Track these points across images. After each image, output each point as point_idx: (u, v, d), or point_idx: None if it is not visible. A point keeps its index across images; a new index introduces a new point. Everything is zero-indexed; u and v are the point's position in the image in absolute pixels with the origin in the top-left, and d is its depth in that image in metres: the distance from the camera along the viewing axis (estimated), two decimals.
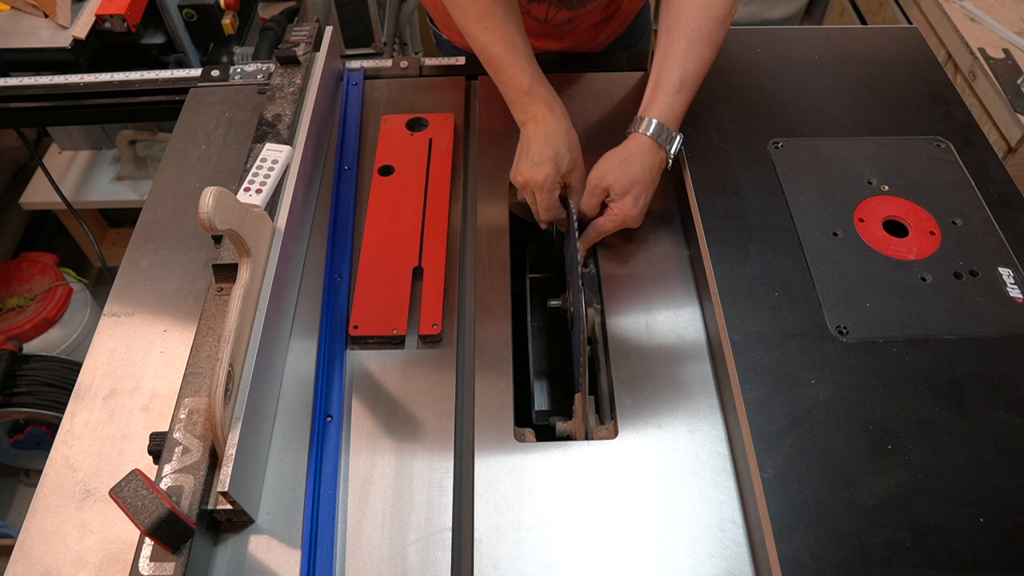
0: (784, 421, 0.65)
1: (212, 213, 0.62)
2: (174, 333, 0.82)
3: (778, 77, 0.98)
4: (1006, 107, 1.39)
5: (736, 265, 0.77)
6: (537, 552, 0.65)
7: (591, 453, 0.72)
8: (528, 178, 0.83)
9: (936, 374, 0.68)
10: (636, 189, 0.83)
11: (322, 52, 1.03)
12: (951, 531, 0.59)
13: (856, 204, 0.82)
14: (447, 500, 0.69)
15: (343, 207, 0.91)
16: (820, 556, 0.58)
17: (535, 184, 0.83)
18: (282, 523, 0.68)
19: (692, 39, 0.83)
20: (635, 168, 0.83)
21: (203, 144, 1.01)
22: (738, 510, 0.67)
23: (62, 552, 0.66)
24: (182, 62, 1.59)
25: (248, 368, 0.69)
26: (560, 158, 0.83)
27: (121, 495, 0.58)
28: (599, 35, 1.15)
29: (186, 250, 0.89)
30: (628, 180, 0.83)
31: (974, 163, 0.87)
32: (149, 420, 0.75)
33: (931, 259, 0.77)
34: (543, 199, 0.84)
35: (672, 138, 0.84)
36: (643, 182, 0.83)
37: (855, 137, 0.90)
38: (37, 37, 1.39)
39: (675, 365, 0.78)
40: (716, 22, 0.84)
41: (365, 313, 0.81)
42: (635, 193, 0.83)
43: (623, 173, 0.83)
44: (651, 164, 0.84)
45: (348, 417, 0.74)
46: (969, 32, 1.53)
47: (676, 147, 0.85)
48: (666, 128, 0.83)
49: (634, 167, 0.83)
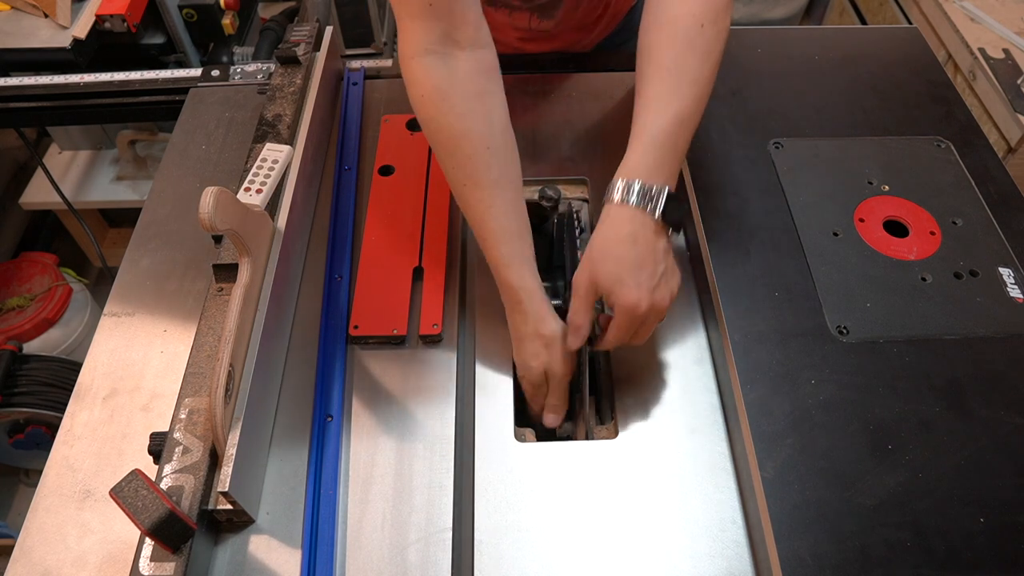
0: (784, 421, 0.65)
1: (212, 213, 0.62)
2: (174, 333, 0.82)
3: (778, 77, 0.98)
4: (1006, 107, 1.39)
5: (736, 265, 0.77)
6: (537, 552, 0.65)
7: (591, 453, 0.72)
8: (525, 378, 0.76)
9: (936, 374, 0.68)
10: (626, 271, 0.67)
11: (322, 52, 1.03)
12: (951, 531, 0.59)
13: (856, 204, 0.82)
14: (447, 500, 0.69)
15: (343, 207, 0.91)
16: (820, 556, 0.58)
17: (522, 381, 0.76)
18: (282, 523, 0.68)
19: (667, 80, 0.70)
20: (617, 247, 0.68)
21: (203, 144, 1.01)
22: (738, 510, 0.67)
23: (62, 552, 0.66)
24: (182, 62, 1.59)
25: (248, 368, 0.69)
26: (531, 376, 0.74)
27: (121, 495, 0.58)
28: (590, 34, 1.14)
29: (186, 250, 0.89)
30: (613, 264, 0.67)
31: (974, 163, 0.87)
32: (149, 420, 0.75)
33: (931, 259, 0.77)
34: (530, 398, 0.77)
35: (654, 195, 0.68)
36: (633, 259, 0.67)
37: (855, 137, 0.90)
38: (37, 37, 1.39)
39: (675, 365, 0.78)
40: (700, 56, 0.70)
41: (365, 313, 0.81)
42: (628, 277, 0.66)
43: (604, 258, 0.68)
44: (631, 235, 0.67)
45: (348, 417, 0.74)
46: (969, 32, 1.53)
47: (657, 203, 0.68)
48: (637, 187, 0.68)
49: (616, 246, 0.68)
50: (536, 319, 0.72)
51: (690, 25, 0.70)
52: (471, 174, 0.73)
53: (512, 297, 0.73)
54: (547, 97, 1.04)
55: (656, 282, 0.68)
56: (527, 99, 1.04)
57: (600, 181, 0.94)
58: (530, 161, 0.97)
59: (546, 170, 0.96)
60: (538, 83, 1.06)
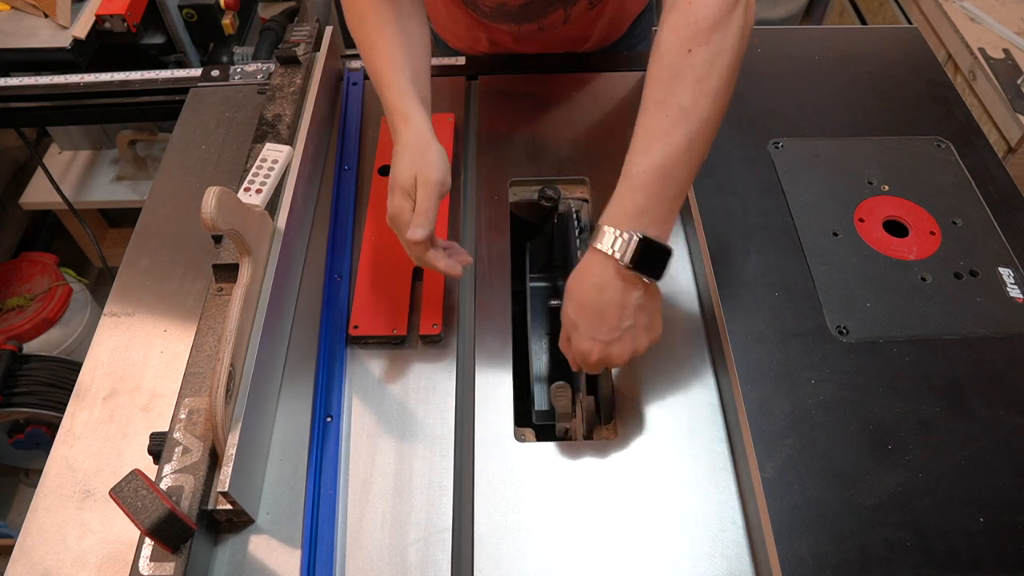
0: (784, 421, 0.65)
1: (214, 213, 0.62)
2: (174, 333, 0.82)
3: (778, 77, 0.98)
4: (1006, 107, 1.39)
5: (736, 265, 0.77)
6: (537, 552, 0.65)
7: (591, 453, 0.72)
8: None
9: (936, 374, 0.68)
10: (585, 319, 0.66)
11: (322, 52, 1.03)
12: (951, 531, 0.59)
13: (856, 204, 0.82)
14: (447, 500, 0.69)
15: (343, 207, 0.91)
16: (820, 556, 0.58)
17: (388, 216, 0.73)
18: (282, 523, 0.68)
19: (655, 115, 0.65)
20: (582, 293, 0.66)
21: (203, 144, 1.01)
22: (738, 510, 0.67)
23: (62, 552, 0.66)
24: (182, 62, 1.59)
25: (248, 368, 0.69)
26: (403, 180, 0.71)
27: (121, 495, 0.58)
28: (587, 36, 1.12)
29: (186, 250, 0.89)
30: (574, 309, 0.67)
31: (974, 163, 0.87)
32: (149, 420, 0.75)
33: (931, 259, 0.77)
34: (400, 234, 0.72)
35: (628, 244, 0.63)
36: (594, 309, 0.65)
37: (855, 137, 0.90)
38: (37, 37, 1.39)
39: (675, 365, 0.78)
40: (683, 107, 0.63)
41: (365, 313, 0.81)
42: (584, 326, 0.66)
43: (570, 299, 0.67)
44: (598, 283, 0.64)
45: (348, 417, 0.74)
46: (969, 32, 1.53)
47: (626, 251, 0.63)
48: (610, 234, 0.64)
49: (581, 291, 0.66)
50: (417, 131, 0.73)
51: (675, 52, 0.64)
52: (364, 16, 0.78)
53: (398, 118, 0.74)
54: (547, 97, 1.04)
55: (615, 336, 0.65)
56: (527, 99, 1.04)
57: (600, 181, 0.94)
58: (530, 161, 0.97)
59: (546, 170, 0.96)
60: (538, 83, 1.06)
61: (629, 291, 0.65)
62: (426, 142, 0.72)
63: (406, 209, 0.71)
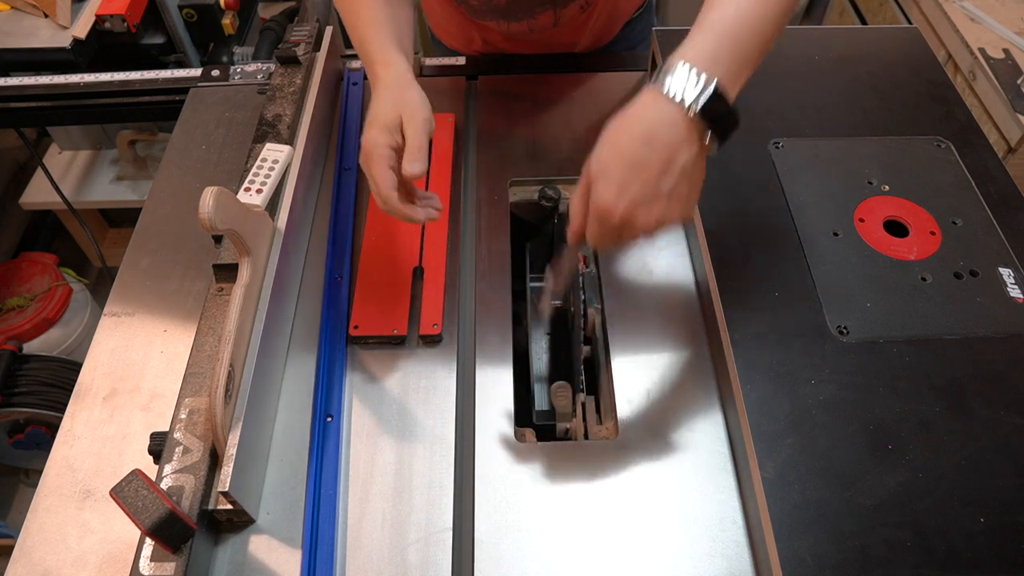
0: (784, 421, 0.65)
1: (212, 213, 0.62)
2: (174, 333, 0.82)
3: (778, 77, 0.98)
4: (1006, 107, 1.39)
5: (736, 265, 0.77)
6: (537, 552, 0.65)
7: (591, 453, 0.72)
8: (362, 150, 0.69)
9: (936, 374, 0.68)
10: (615, 167, 0.56)
11: (322, 52, 1.03)
12: (951, 531, 0.59)
13: (856, 204, 0.82)
14: (447, 500, 0.69)
15: (343, 207, 0.91)
16: (820, 556, 0.58)
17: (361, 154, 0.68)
18: (282, 523, 0.68)
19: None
20: (623, 137, 0.56)
21: (203, 144, 1.01)
22: (738, 510, 0.67)
23: (62, 552, 0.66)
24: (182, 62, 1.59)
25: (248, 368, 0.69)
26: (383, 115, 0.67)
27: (122, 495, 0.58)
28: (577, 40, 1.12)
29: (186, 250, 0.89)
30: (607, 154, 0.57)
31: (974, 163, 0.87)
32: (149, 420, 0.75)
33: (931, 259, 0.77)
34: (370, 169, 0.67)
35: (698, 85, 0.54)
36: (632, 158, 0.55)
37: (855, 137, 0.90)
38: (37, 37, 1.39)
39: (675, 365, 0.78)
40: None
41: (365, 313, 0.81)
42: (615, 174, 0.55)
43: (604, 142, 0.57)
44: (649, 132, 0.55)
45: (348, 417, 0.74)
46: (969, 32, 1.53)
47: (700, 94, 0.54)
48: (682, 70, 0.55)
49: (622, 136, 0.56)
50: (397, 73, 0.72)
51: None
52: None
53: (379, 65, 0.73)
54: (547, 97, 1.04)
55: (648, 197, 0.55)
56: (527, 99, 1.04)
57: None
58: (530, 161, 0.97)
59: (546, 170, 0.96)
60: (538, 83, 1.06)
61: (684, 147, 0.56)
62: (408, 83, 0.71)
63: (381, 143, 0.67)
